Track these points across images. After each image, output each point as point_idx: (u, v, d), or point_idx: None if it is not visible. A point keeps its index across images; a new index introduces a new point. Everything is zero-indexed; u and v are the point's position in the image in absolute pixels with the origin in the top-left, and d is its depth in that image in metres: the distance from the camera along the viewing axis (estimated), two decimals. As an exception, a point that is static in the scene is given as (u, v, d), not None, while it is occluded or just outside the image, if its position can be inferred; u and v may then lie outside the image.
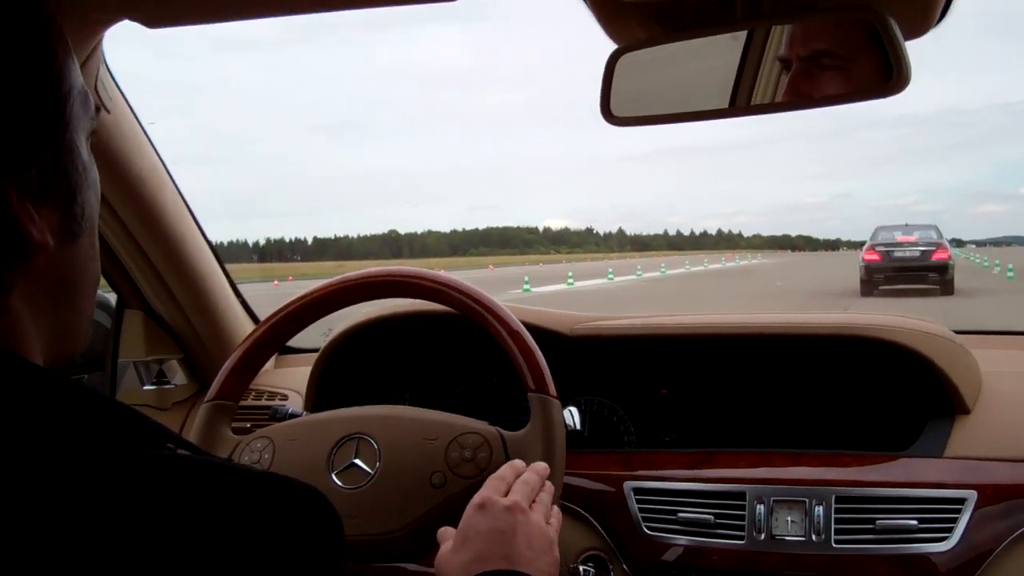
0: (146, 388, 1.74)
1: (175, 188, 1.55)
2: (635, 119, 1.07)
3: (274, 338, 1.27)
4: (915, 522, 1.18)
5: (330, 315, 1.30)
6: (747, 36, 1.03)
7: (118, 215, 1.45)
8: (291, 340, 1.32)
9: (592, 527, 1.30)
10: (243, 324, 1.78)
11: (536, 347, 1.16)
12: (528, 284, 22.53)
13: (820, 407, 1.46)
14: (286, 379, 1.77)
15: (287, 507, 0.55)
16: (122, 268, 1.60)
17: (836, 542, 1.19)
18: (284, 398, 1.71)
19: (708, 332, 1.48)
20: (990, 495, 1.19)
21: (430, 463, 1.12)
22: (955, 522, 1.18)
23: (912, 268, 17.41)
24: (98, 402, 0.56)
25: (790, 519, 1.22)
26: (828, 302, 16.07)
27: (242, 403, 1.45)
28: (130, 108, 1.38)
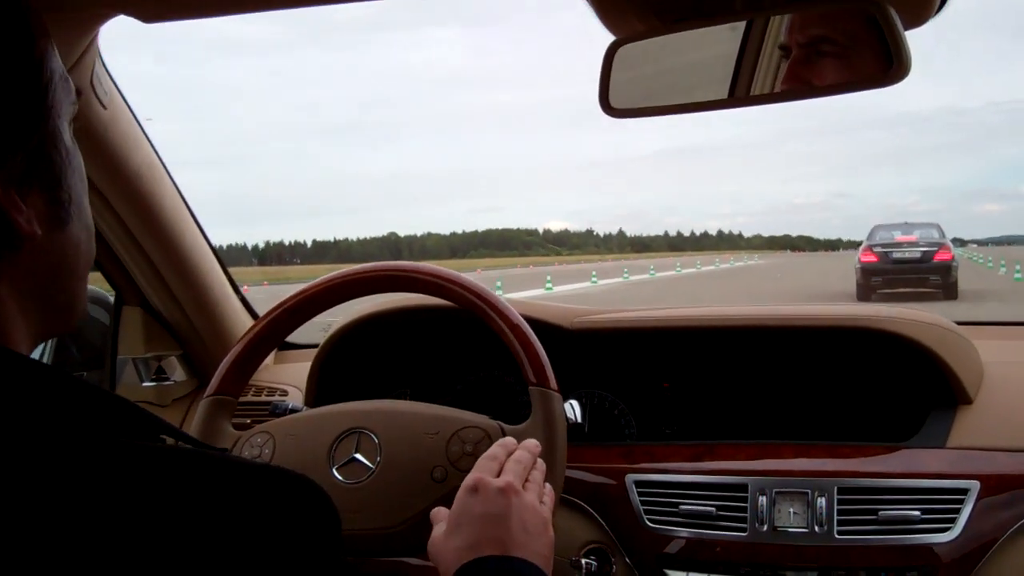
0: (145, 385, 1.73)
1: (173, 184, 1.54)
2: (634, 111, 1.07)
3: (273, 333, 1.26)
4: (918, 513, 1.18)
5: (330, 310, 1.30)
6: (746, 26, 1.02)
7: (115, 211, 1.44)
8: (291, 336, 1.32)
9: (594, 520, 1.29)
10: (242, 320, 1.77)
11: (537, 340, 1.15)
12: (500, 289, 22.41)
13: (822, 398, 1.45)
14: (286, 375, 1.77)
15: (282, 497, 0.55)
16: (120, 264, 1.59)
17: (838, 533, 1.19)
18: (284, 394, 1.70)
19: (709, 324, 1.47)
20: (992, 485, 1.19)
21: (431, 457, 1.11)
22: (958, 512, 1.18)
23: (912, 270, 15.78)
24: (89, 392, 0.55)
25: (792, 511, 1.22)
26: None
27: (242, 399, 1.44)
28: (126, 103, 1.37)
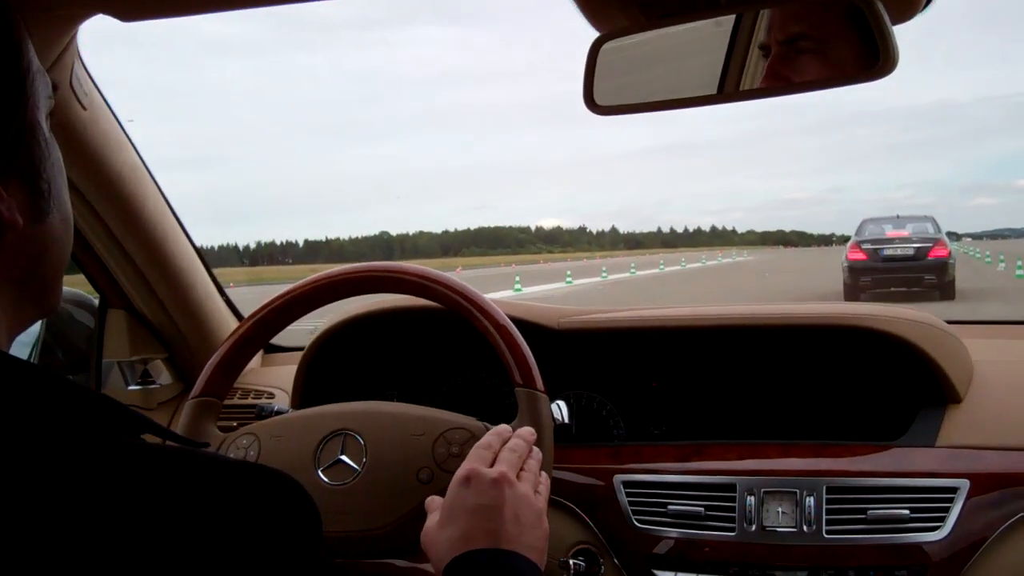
0: (131, 388, 1.72)
1: (156, 185, 1.52)
2: (620, 107, 1.06)
3: (259, 334, 1.25)
4: (907, 512, 1.18)
5: (316, 312, 1.29)
6: (734, 21, 1.02)
7: (97, 212, 1.43)
8: (277, 339, 1.31)
9: (582, 521, 1.28)
10: (227, 321, 1.76)
11: (523, 341, 1.14)
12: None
13: (811, 397, 1.45)
14: (272, 377, 1.76)
15: (262, 495, 0.54)
16: (103, 267, 1.57)
17: (827, 533, 1.19)
18: (271, 396, 1.69)
19: (697, 324, 1.47)
20: (982, 484, 1.18)
21: (417, 459, 1.10)
22: (947, 511, 1.17)
23: (905, 269, 14.34)
24: (74, 391, 0.55)
25: (781, 510, 1.21)
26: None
27: (228, 401, 1.43)
28: (107, 104, 1.36)
